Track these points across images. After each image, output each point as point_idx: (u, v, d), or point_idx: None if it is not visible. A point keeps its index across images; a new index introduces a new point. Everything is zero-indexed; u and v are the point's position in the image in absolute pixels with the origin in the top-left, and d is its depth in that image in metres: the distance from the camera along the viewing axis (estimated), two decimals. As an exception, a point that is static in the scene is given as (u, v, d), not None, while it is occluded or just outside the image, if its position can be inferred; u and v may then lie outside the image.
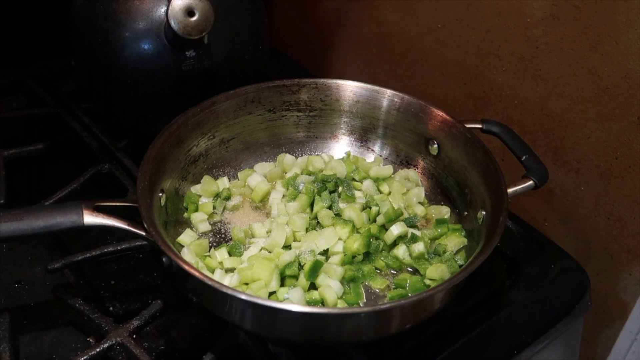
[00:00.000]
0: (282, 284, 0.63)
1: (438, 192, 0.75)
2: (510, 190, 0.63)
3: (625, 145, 0.70)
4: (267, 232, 0.68)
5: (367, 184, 0.73)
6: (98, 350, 0.58)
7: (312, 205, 0.71)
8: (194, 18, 0.69)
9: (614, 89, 0.69)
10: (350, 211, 0.69)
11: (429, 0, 0.84)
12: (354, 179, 0.75)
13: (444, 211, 0.72)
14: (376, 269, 0.66)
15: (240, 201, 0.73)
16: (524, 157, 0.68)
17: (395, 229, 0.67)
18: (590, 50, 0.70)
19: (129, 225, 0.58)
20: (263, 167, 0.77)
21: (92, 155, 0.81)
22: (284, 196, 0.73)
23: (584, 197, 0.77)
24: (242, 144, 0.77)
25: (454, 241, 0.67)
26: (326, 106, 0.78)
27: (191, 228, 0.69)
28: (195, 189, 0.72)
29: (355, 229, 0.68)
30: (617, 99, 0.69)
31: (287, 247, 0.66)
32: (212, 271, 0.63)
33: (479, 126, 0.71)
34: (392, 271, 0.67)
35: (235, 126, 0.76)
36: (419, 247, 0.66)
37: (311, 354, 0.61)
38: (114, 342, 0.59)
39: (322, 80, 0.78)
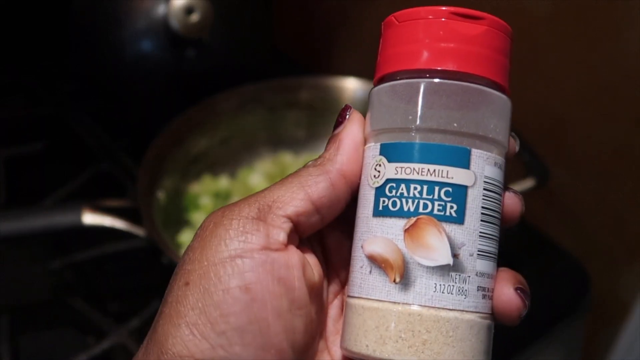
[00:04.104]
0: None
1: (438, 191, 0.75)
2: (510, 190, 0.63)
3: (625, 145, 0.70)
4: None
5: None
6: (98, 350, 0.58)
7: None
8: (194, 17, 0.69)
9: (614, 89, 0.69)
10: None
11: (430, 1, 0.84)
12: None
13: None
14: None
15: (241, 201, 0.73)
16: (525, 156, 0.68)
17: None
18: (590, 50, 0.69)
19: (129, 225, 0.58)
20: (263, 167, 0.77)
21: (91, 155, 0.81)
22: (284, 196, 0.72)
23: (584, 197, 0.77)
24: (242, 144, 0.77)
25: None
26: (327, 105, 0.78)
27: (191, 228, 0.69)
28: (195, 188, 0.72)
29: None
30: (617, 99, 0.69)
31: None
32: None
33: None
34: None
35: (235, 126, 0.76)
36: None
37: None
38: (114, 342, 0.59)
39: (323, 79, 0.78)
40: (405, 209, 0.26)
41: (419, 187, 0.26)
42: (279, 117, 0.78)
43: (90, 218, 0.57)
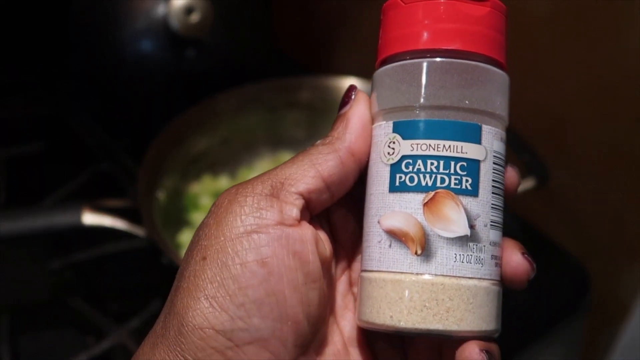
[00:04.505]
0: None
1: (438, 191, 0.75)
2: (510, 190, 0.63)
3: (625, 145, 0.70)
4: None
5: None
6: (98, 350, 0.58)
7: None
8: (194, 17, 0.69)
9: (614, 89, 0.69)
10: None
11: (429, 0, 0.84)
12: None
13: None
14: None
15: (240, 201, 0.73)
16: (525, 156, 0.68)
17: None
18: (590, 50, 0.69)
19: (129, 225, 0.58)
20: (263, 167, 0.77)
21: (91, 155, 0.81)
22: (284, 196, 0.72)
23: (584, 197, 0.77)
24: (242, 143, 0.77)
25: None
26: (327, 105, 0.78)
27: (191, 228, 0.69)
28: (195, 188, 0.72)
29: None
30: (617, 99, 0.69)
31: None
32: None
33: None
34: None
35: (235, 125, 0.76)
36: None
37: None
38: (114, 342, 0.59)
39: (323, 79, 0.78)
40: (423, 183, 0.27)
41: (435, 163, 0.27)
42: (279, 117, 0.78)
43: (90, 218, 0.57)
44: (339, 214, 0.31)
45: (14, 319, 0.61)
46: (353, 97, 0.30)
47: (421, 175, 0.27)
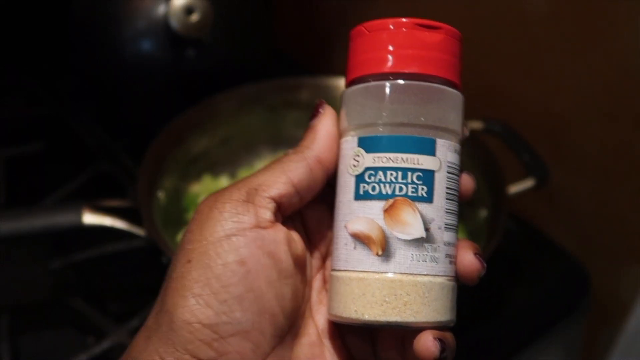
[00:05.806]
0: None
1: (438, 191, 0.75)
2: (511, 190, 0.63)
3: (625, 145, 0.70)
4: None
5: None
6: (98, 350, 0.58)
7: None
8: (194, 17, 0.69)
9: (614, 88, 0.69)
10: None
11: (419, 2, 0.84)
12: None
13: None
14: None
15: (241, 201, 0.73)
16: (525, 156, 0.68)
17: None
18: (590, 49, 0.69)
19: (129, 225, 0.58)
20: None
21: (91, 155, 0.81)
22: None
23: (584, 197, 0.77)
24: (242, 143, 0.77)
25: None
26: (326, 105, 0.78)
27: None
28: (195, 188, 0.72)
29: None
30: (618, 98, 0.69)
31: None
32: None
33: (480, 125, 0.71)
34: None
35: (235, 125, 0.76)
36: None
37: None
38: (114, 342, 0.59)
39: (323, 79, 0.78)
40: (384, 192, 0.30)
41: (394, 173, 0.30)
42: (279, 117, 0.78)
43: (90, 218, 0.57)
44: (313, 218, 0.34)
45: (14, 319, 0.61)
46: (321, 111, 0.33)
47: (382, 185, 0.30)
